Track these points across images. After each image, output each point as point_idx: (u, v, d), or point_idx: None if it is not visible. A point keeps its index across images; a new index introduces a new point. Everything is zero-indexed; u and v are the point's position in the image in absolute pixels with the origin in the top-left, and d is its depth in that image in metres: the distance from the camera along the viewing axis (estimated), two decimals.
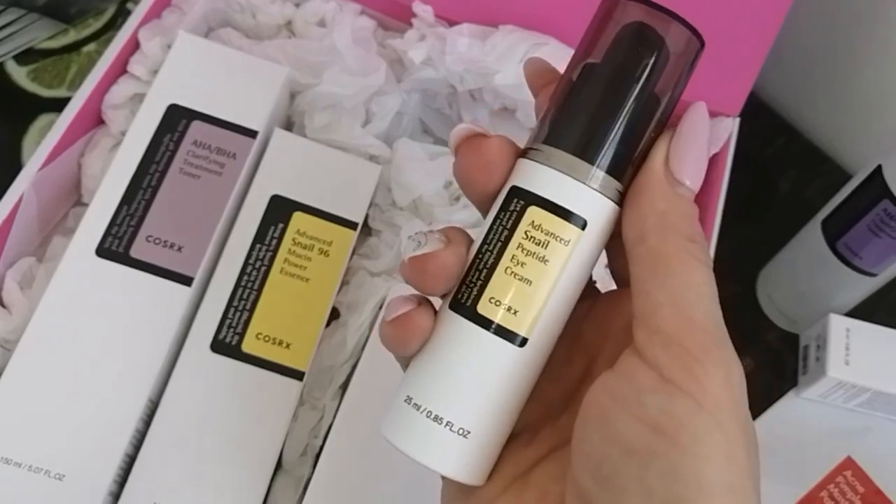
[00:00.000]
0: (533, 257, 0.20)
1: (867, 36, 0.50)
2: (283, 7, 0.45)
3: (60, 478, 0.33)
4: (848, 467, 0.45)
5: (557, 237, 0.20)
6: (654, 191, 0.20)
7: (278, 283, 0.37)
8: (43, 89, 0.51)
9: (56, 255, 0.40)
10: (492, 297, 0.21)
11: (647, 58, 0.21)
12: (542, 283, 0.20)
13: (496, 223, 0.21)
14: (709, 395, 0.18)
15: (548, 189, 0.21)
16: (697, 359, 0.18)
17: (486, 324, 0.21)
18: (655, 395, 0.18)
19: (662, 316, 0.19)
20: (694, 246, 0.20)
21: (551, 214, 0.20)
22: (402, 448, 0.21)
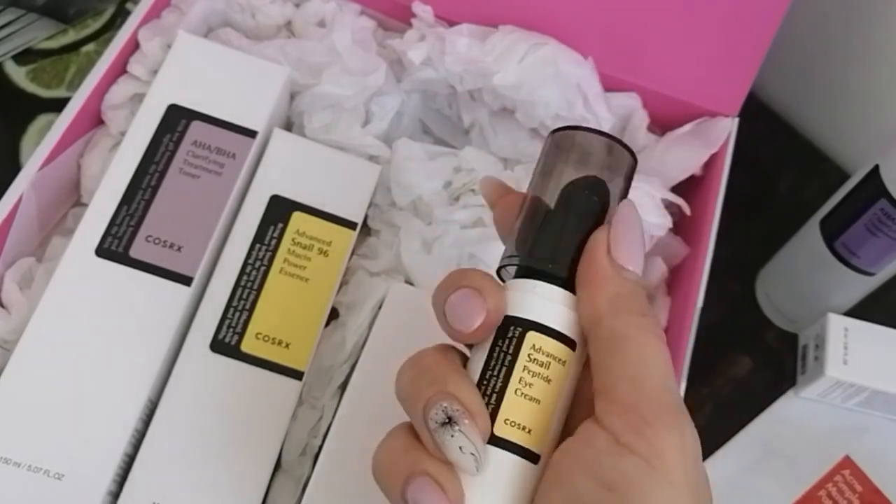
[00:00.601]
0: (539, 378, 0.22)
1: (865, 36, 0.50)
2: (283, 7, 0.45)
3: (59, 477, 0.33)
4: (846, 466, 0.45)
5: (556, 358, 0.23)
6: (603, 277, 0.22)
7: (278, 282, 0.37)
8: (42, 89, 0.51)
9: (55, 255, 0.40)
10: (507, 419, 0.22)
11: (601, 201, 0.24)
12: (549, 401, 0.23)
13: (495, 350, 0.23)
14: (659, 455, 0.20)
15: (545, 317, 0.23)
16: (650, 423, 0.21)
17: (506, 445, 0.22)
18: (610, 456, 0.21)
19: (621, 389, 0.21)
20: (646, 321, 0.22)
21: (549, 338, 0.23)
22: None
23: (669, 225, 0.40)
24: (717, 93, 0.44)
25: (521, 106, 0.43)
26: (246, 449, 0.35)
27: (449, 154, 0.43)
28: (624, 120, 0.45)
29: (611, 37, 0.44)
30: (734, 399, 0.47)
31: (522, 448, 0.22)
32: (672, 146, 0.44)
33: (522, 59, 0.42)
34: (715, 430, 0.46)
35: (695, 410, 0.22)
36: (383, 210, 0.42)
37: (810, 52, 0.54)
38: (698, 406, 0.46)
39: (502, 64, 0.42)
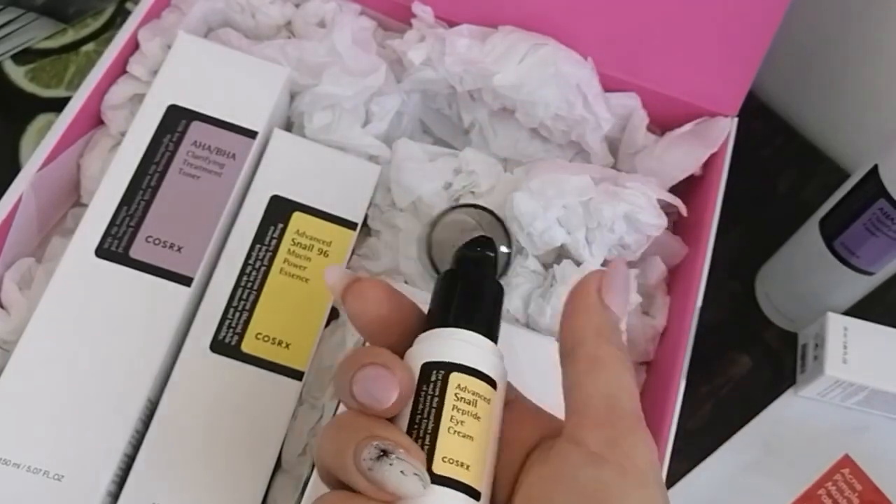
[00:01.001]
0: (468, 415, 0.23)
1: (864, 36, 0.50)
2: (283, 7, 0.45)
3: (59, 478, 0.33)
4: (846, 465, 0.45)
5: (482, 396, 0.24)
6: (590, 307, 0.24)
7: (278, 283, 0.37)
8: (41, 89, 0.51)
9: (55, 255, 0.40)
10: (444, 457, 0.23)
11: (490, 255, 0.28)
12: (481, 438, 0.23)
13: (421, 395, 0.24)
14: (633, 462, 0.22)
15: (466, 358, 0.24)
16: (623, 435, 0.22)
17: (447, 482, 0.22)
18: (586, 468, 0.22)
19: (596, 406, 0.23)
20: (622, 354, 0.24)
21: (474, 378, 0.24)
22: None
23: (665, 225, 0.40)
24: (717, 93, 0.44)
25: (521, 106, 0.43)
26: (246, 449, 0.35)
27: (449, 155, 0.43)
28: (623, 120, 0.45)
29: (610, 37, 0.44)
30: (734, 398, 0.47)
31: (463, 484, 0.23)
32: (671, 146, 0.44)
33: (522, 60, 0.42)
34: (714, 430, 0.46)
35: (695, 410, 0.23)
36: (383, 210, 0.42)
37: (810, 53, 0.54)
38: (698, 405, 0.46)
39: (502, 64, 0.42)
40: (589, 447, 0.22)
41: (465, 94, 0.45)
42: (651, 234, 0.40)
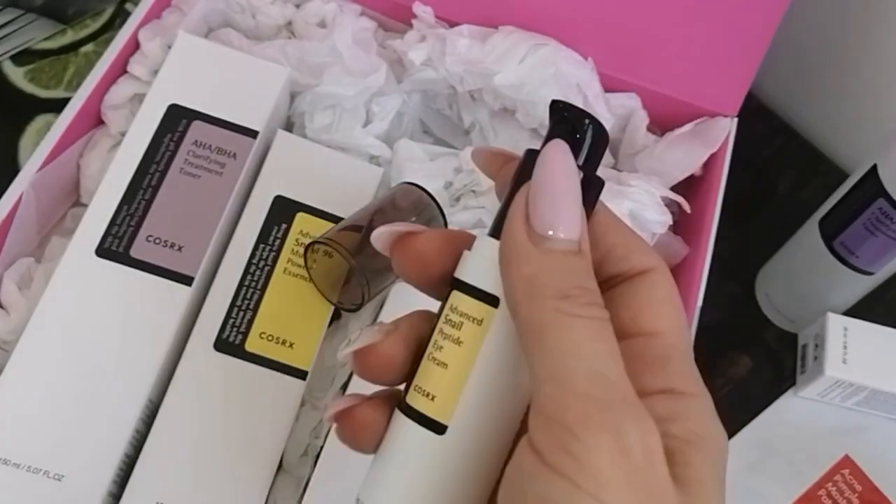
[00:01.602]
0: (449, 340, 0.20)
1: (864, 36, 0.50)
2: (284, 8, 0.45)
3: (59, 478, 0.33)
4: (846, 466, 0.45)
5: (470, 317, 0.20)
6: (517, 256, 0.18)
7: (281, 282, 0.37)
8: (40, 90, 0.50)
9: (54, 255, 0.39)
10: (417, 386, 0.20)
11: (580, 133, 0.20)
12: (457, 366, 0.20)
13: (437, 316, 0.21)
14: (590, 472, 0.16)
15: (466, 272, 0.20)
16: (576, 434, 0.17)
17: (410, 413, 0.20)
18: (536, 482, 0.17)
19: (542, 395, 0.17)
20: (566, 303, 0.18)
21: (466, 295, 0.20)
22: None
23: (670, 221, 0.40)
24: (717, 93, 0.44)
25: (521, 106, 0.43)
26: (249, 449, 0.35)
27: (449, 154, 0.43)
28: (624, 120, 0.45)
29: (611, 37, 0.44)
30: (734, 399, 0.47)
31: (422, 416, 0.20)
32: (672, 146, 0.44)
33: (523, 60, 0.42)
34: None
35: None
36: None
37: (810, 53, 0.54)
38: None
39: (503, 64, 0.42)
40: (542, 454, 0.17)
41: (466, 94, 0.45)
42: (656, 232, 0.40)
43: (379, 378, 0.22)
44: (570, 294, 0.18)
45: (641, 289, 0.21)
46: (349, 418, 0.21)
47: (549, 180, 0.19)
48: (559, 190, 0.18)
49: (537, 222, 0.18)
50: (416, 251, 0.21)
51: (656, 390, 0.19)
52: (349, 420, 0.21)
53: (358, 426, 0.21)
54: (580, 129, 0.20)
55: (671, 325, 0.20)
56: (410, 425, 0.20)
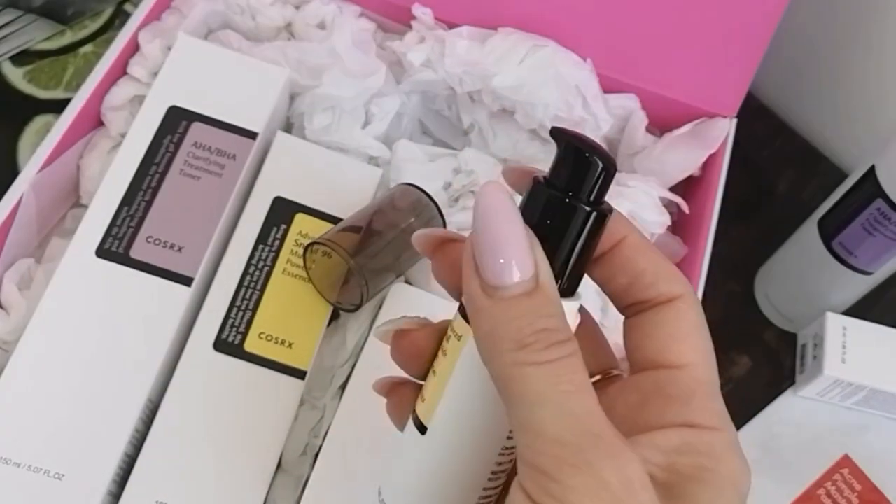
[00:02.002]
0: (441, 351, 0.22)
1: (863, 36, 0.50)
2: (283, 9, 0.45)
3: (60, 477, 0.33)
4: (845, 465, 0.45)
5: (456, 333, 0.21)
6: (476, 313, 0.19)
7: (281, 283, 0.37)
8: (39, 91, 0.51)
9: (54, 256, 0.40)
10: (422, 388, 0.23)
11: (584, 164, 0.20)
12: (441, 375, 0.21)
13: None
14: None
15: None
16: (554, 478, 0.17)
17: (412, 413, 0.23)
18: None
19: (520, 442, 0.18)
20: (525, 352, 0.18)
21: (458, 312, 0.21)
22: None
23: (668, 222, 0.40)
24: (715, 94, 0.44)
25: (520, 107, 0.43)
26: (248, 448, 0.35)
27: (448, 155, 0.43)
28: (623, 121, 0.45)
29: (609, 39, 0.44)
30: (733, 398, 0.46)
31: (415, 416, 0.22)
32: (670, 147, 0.44)
33: (522, 61, 0.42)
34: None
35: None
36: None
37: (810, 54, 0.54)
38: None
39: (502, 66, 0.42)
40: (530, 496, 0.17)
41: (465, 95, 0.45)
42: (655, 232, 0.40)
43: (404, 361, 0.23)
44: (527, 342, 0.18)
45: (668, 318, 0.21)
46: (407, 339, 0.23)
47: (487, 229, 0.18)
48: (500, 236, 0.18)
49: (487, 275, 0.18)
50: (456, 259, 0.21)
51: (676, 423, 0.20)
52: (407, 340, 0.23)
53: (414, 347, 0.23)
54: (583, 162, 0.20)
55: (697, 359, 0.21)
56: (410, 423, 0.23)
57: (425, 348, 0.22)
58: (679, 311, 0.21)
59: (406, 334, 0.23)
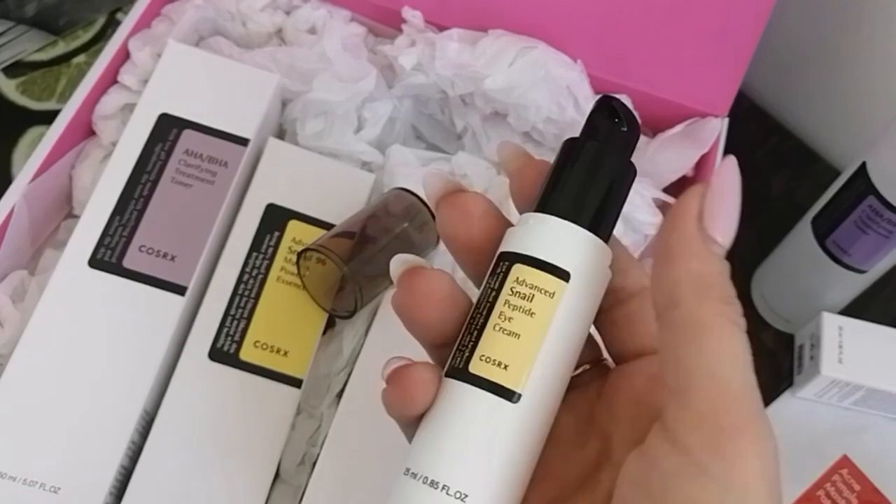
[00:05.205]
0: (520, 311, 0.21)
1: (856, 34, 0.50)
2: (274, 15, 0.45)
3: (56, 490, 0.32)
4: (844, 466, 0.45)
5: (541, 290, 0.21)
6: (689, 251, 0.19)
7: (275, 291, 0.37)
8: (33, 102, 0.50)
9: (48, 267, 0.39)
10: (482, 355, 0.21)
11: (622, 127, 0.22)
12: (531, 336, 0.21)
13: (485, 288, 0.22)
14: (739, 477, 0.17)
15: (530, 246, 0.21)
16: (730, 437, 0.17)
17: (478, 382, 0.21)
18: (681, 480, 0.17)
19: (696, 389, 0.18)
20: (730, 309, 0.18)
21: (534, 269, 0.21)
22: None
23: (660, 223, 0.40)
24: (707, 94, 0.44)
25: (512, 109, 0.43)
26: (245, 458, 0.35)
27: (441, 159, 0.43)
28: None
29: (600, 39, 0.44)
30: None
31: (495, 384, 0.21)
32: (663, 147, 0.44)
33: (512, 63, 0.42)
34: None
35: None
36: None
37: (802, 52, 0.54)
38: None
39: (492, 68, 0.42)
40: (688, 451, 0.17)
41: (457, 98, 0.45)
42: (648, 233, 0.40)
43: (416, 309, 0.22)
44: (731, 302, 0.19)
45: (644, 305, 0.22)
46: (406, 376, 0.21)
47: (729, 191, 0.19)
48: (734, 203, 0.19)
49: (710, 224, 0.19)
50: (464, 210, 0.22)
51: None
52: (406, 378, 0.21)
53: (415, 384, 0.21)
54: (632, 124, 0.22)
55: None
56: (478, 394, 0.21)
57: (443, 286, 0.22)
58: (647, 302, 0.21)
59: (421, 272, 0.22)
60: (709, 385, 0.18)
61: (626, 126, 0.22)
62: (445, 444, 0.21)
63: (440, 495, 0.20)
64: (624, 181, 0.22)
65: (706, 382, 0.18)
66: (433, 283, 0.22)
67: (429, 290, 0.22)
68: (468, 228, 0.22)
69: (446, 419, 0.21)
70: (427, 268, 0.22)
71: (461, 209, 0.22)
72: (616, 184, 0.22)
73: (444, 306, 0.22)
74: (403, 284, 0.22)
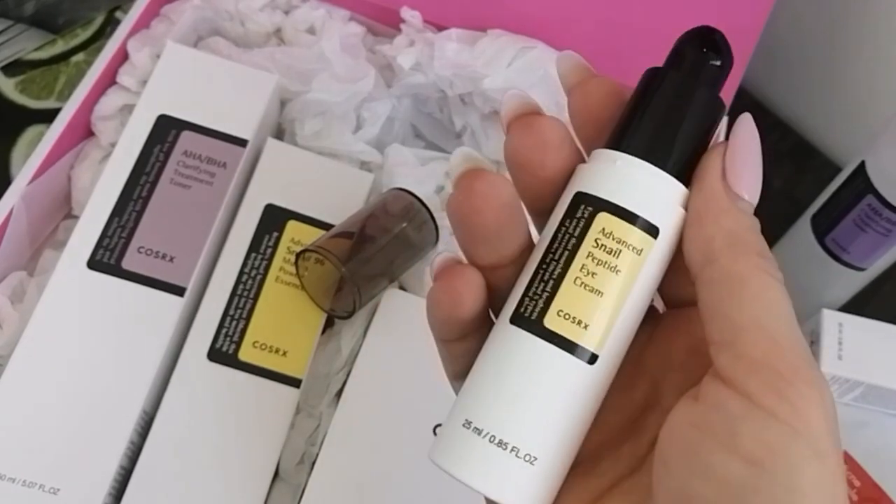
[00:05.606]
0: (604, 267, 0.19)
1: (856, 31, 0.50)
2: (272, 15, 0.45)
3: (55, 492, 0.33)
4: (844, 462, 0.45)
5: (630, 245, 0.19)
6: (718, 208, 0.19)
7: (274, 291, 0.37)
8: (31, 101, 0.50)
9: (47, 268, 0.39)
10: (560, 310, 0.19)
11: (714, 59, 0.21)
12: (613, 295, 0.19)
13: (561, 231, 0.20)
14: (804, 419, 0.17)
15: (619, 195, 0.19)
16: (790, 381, 0.17)
17: (555, 339, 0.19)
18: (748, 423, 0.17)
19: (746, 340, 0.18)
20: (766, 262, 0.19)
21: (624, 221, 0.19)
22: (460, 476, 0.20)
23: None
24: None
25: None
26: (245, 457, 0.35)
27: (440, 159, 0.43)
28: None
29: (598, 39, 0.44)
30: None
31: (573, 344, 0.19)
32: None
33: (511, 63, 0.42)
34: None
35: None
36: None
37: (803, 48, 0.54)
38: None
39: (491, 68, 0.42)
40: (750, 396, 0.17)
41: (456, 97, 0.45)
42: None
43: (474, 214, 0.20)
44: (766, 255, 0.19)
45: None
46: (457, 274, 0.20)
47: (748, 148, 0.20)
48: (755, 159, 0.20)
49: (735, 181, 0.19)
50: (541, 135, 0.20)
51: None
52: (457, 276, 0.20)
53: (465, 283, 0.20)
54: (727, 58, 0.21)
55: None
56: (554, 352, 0.19)
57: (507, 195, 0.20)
58: None
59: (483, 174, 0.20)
60: (757, 335, 0.18)
61: (720, 59, 0.21)
62: (516, 402, 0.19)
63: (508, 456, 0.19)
64: (715, 124, 0.21)
65: (754, 333, 0.18)
66: (496, 187, 0.20)
67: (491, 194, 0.20)
68: (542, 157, 0.20)
69: (516, 374, 0.20)
70: (490, 170, 0.20)
71: (539, 135, 0.20)
72: (708, 128, 0.20)
73: (503, 215, 0.20)
74: (463, 185, 0.20)
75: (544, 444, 0.19)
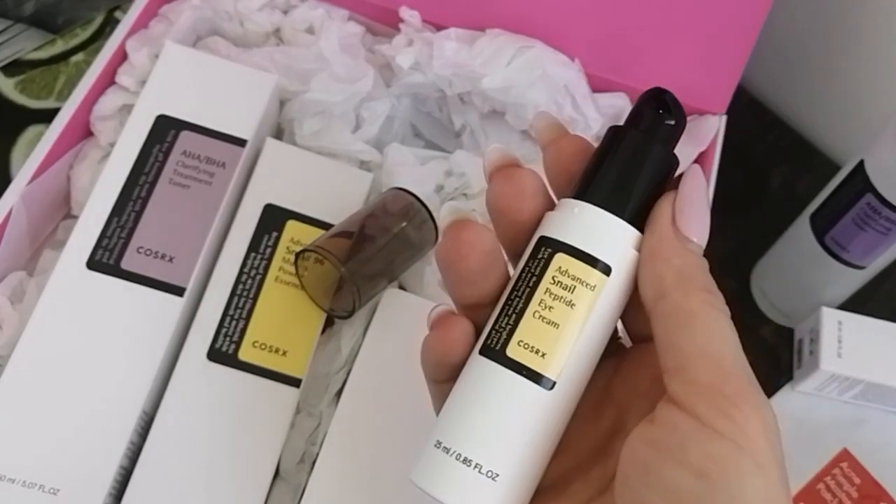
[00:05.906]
0: (560, 301, 0.21)
1: (855, 29, 0.50)
2: (271, 15, 0.45)
3: (55, 492, 0.33)
4: (844, 459, 0.45)
5: (583, 282, 0.21)
6: (668, 249, 0.21)
7: (273, 291, 0.37)
8: (31, 101, 0.50)
9: (46, 268, 0.39)
10: (521, 341, 0.22)
11: (668, 119, 0.23)
12: (569, 327, 0.21)
13: (524, 271, 0.22)
14: (747, 436, 0.19)
15: (574, 237, 0.22)
16: (734, 403, 0.19)
17: (515, 367, 0.22)
18: (697, 440, 0.19)
19: (695, 367, 0.20)
20: (713, 297, 0.21)
21: (578, 261, 0.22)
22: (430, 492, 0.22)
23: None
24: (705, 91, 0.44)
25: (510, 108, 0.43)
26: (245, 457, 0.35)
27: (440, 158, 0.43)
28: (613, 120, 0.45)
29: (597, 38, 0.44)
30: None
31: (533, 371, 0.21)
32: None
33: (510, 63, 0.42)
34: None
35: None
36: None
37: (802, 47, 0.54)
38: None
39: (490, 67, 0.42)
40: (700, 417, 0.19)
41: (455, 97, 0.45)
42: None
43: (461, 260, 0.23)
44: (713, 291, 0.21)
45: None
46: (452, 323, 0.23)
47: (697, 195, 0.22)
48: (703, 205, 0.22)
49: (683, 225, 0.21)
50: (520, 185, 0.23)
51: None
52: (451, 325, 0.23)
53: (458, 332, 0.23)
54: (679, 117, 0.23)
55: None
56: (514, 378, 0.22)
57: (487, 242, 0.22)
58: None
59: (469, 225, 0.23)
60: (705, 362, 0.20)
61: (674, 119, 0.23)
62: (479, 423, 0.22)
63: (472, 472, 0.21)
64: (669, 176, 0.23)
65: (703, 361, 0.20)
66: (480, 235, 0.22)
67: (475, 241, 0.22)
68: (519, 205, 0.23)
69: (481, 398, 0.22)
70: (474, 220, 0.23)
71: (517, 185, 0.23)
72: (661, 179, 0.23)
73: (487, 260, 0.22)
74: (451, 234, 0.23)
75: (506, 462, 0.21)
